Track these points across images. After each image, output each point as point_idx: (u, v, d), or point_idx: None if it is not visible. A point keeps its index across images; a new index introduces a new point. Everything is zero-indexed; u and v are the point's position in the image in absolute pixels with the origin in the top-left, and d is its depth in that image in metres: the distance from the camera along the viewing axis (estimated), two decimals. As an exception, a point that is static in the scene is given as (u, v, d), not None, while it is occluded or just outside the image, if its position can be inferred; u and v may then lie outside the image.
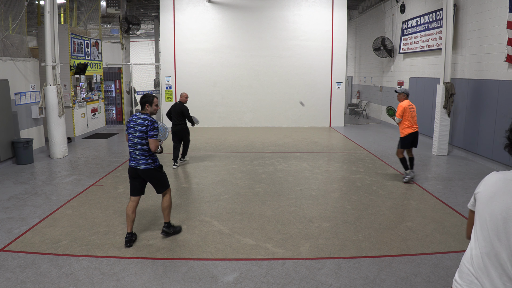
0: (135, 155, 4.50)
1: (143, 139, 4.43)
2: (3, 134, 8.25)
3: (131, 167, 4.55)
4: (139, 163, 4.48)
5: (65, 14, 12.20)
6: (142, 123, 4.43)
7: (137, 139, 4.44)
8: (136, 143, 4.45)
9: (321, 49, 14.45)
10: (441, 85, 9.43)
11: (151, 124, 4.43)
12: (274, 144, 11.04)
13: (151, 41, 23.13)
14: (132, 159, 4.54)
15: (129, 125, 4.51)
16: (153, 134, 4.42)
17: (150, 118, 4.47)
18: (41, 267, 4.02)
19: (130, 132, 4.48)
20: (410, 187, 6.89)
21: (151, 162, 4.52)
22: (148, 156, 4.48)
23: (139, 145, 4.45)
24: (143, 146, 4.44)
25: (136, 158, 4.49)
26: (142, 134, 4.41)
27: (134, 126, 4.45)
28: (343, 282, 3.77)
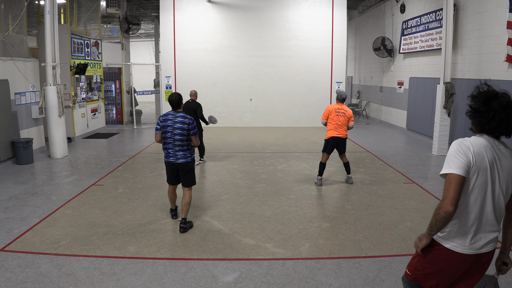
0: (174, 151, 4.85)
1: (183, 136, 4.80)
2: (3, 134, 8.25)
3: (170, 163, 4.92)
4: (179, 158, 4.86)
5: (65, 14, 12.20)
6: (182, 121, 4.78)
7: (177, 136, 4.79)
8: (177, 139, 4.80)
9: (321, 49, 14.45)
10: (441, 85, 9.43)
11: (192, 122, 4.82)
12: (274, 144, 11.04)
13: (151, 41, 23.12)
14: (171, 155, 4.88)
15: (166, 124, 4.79)
16: (196, 132, 4.85)
17: (189, 117, 4.82)
18: (41, 267, 4.02)
19: (169, 131, 4.78)
20: (410, 187, 6.89)
21: (189, 156, 4.93)
22: (187, 151, 4.88)
23: (179, 141, 4.81)
24: (183, 143, 4.83)
25: (175, 154, 4.85)
26: (183, 131, 4.77)
27: (173, 125, 4.77)
28: (343, 282, 3.77)
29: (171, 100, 4.88)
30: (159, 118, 4.89)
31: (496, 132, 2.21)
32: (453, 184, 2.13)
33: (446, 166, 2.19)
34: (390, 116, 14.78)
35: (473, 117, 2.27)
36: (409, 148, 10.53)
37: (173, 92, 4.91)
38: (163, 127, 4.83)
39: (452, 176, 2.15)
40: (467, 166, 2.14)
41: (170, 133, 4.79)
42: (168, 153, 4.90)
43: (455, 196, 2.11)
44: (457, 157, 2.16)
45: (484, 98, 2.19)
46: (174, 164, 4.91)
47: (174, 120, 4.79)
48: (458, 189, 2.12)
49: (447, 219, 2.14)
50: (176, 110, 4.90)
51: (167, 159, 4.93)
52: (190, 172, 4.97)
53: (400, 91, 13.64)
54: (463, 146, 2.19)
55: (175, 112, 4.87)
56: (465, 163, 2.14)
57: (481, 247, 2.25)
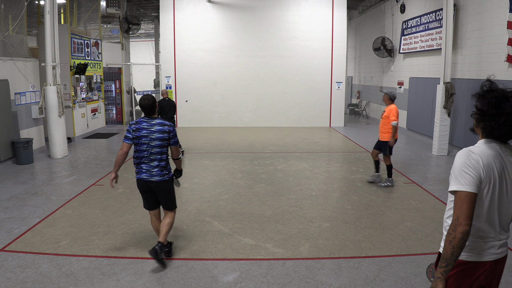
0: (149, 167, 3.96)
1: (163, 148, 3.94)
2: (3, 134, 8.25)
3: (143, 180, 4.00)
4: (153, 175, 3.96)
5: (65, 14, 12.20)
6: (161, 130, 3.91)
7: (156, 149, 3.92)
8: (154, 153, 3.92)
9: (321, 49, 14.45)
10: (441, 85, 9.43)
11: (173, 129, 4.00)
12: (274, 144, 11.04)
13: (151, 41, 23.12)
14: (143, 171, 3.98)
15: (141, 134, 3.90)
16: (177, 140, 4.06)
17: (168, 123, 3.98)
18: (41, 267, 4.02)
19: (144, 142, 3.90)
20: (410, 187, 6.89)
21: (166, 173, 4.03)
22: (164, 166, 4.00)
23: (158, 154, 3.94)
24: (162, 156, 3.96)
25: (149, 171, 3.97)
26: (163, 142, 3.92)
27: (149, 134, 3.90)
28: (343, 282, 3.77)
29: (143, 105, 3.90)
30: (130, 126, 3.94)
31: (506, 137, 2.03)
32: (466, 203, 1.95)
33: (455, 181, 2.00)
34: (390, 116, 14.75)
35: (480, 120, 2.06)
36: (409, 148, 10.53)
37: (145, 95, 3.97)
38: (136, 137, 3.91)
39: (464, 194, 1.96)
40: (478, 181, 1.97)
41: (146, 145, 3.90)
42: (140, 169, 3.99)
43: (469, 214, 1.94)
44: (468, 172, 1.98)
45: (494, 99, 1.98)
46: (146, 182, 3.99)
47: (151, 129, 3.90)
48: (471, 207, 1.95)
49: (464, 240, 1.94)
50: (150, 116, 3.97)
51: (139, 175, 4.01)
52: (167, 192, 4.07)
53: (400, 91, 13.64)
54: (472, 160, 2.00)
55: (150, 118, 3.96)
56: (476, 179, 1.97)
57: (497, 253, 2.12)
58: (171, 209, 4.16)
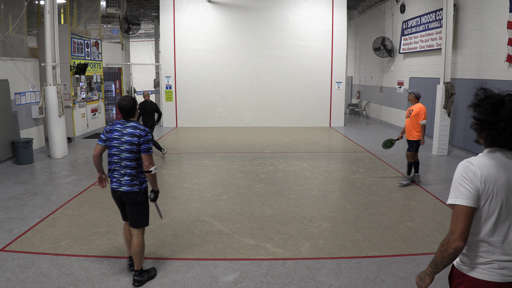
0: (119, 175, 3.60)
1: (132, 154, 3.55)
2: (3, 134, 8.25)
3: (113, 190, 3.69)
4: (122, 184, 3.60)
5: (65, 14, 12.20)
6: (132, 133, 3.54)
7: (124, 154, 3.55)
8: (124, 159, 3.56)
9: (321, 49, 14.45)
10: (441, 85, 9.43)
11: (145, 134, 3.56)
12: (274, 144, 11.04)
13: (151, 41, 23.13)
14: (114, 180, 3.65)
15: (112, 137, 3.59)
16: (149, 147, 3.56)
17: (142, 127, 3.60)
18: (41, 267, 4.02)
19: (114, 145, 3.57)
20: (410, 187, 6.89)
21: (137, 184, 3.62)
22: (135, 175, 3.61)
23: (127, 161, 3.56)
24: (131, 163, 3.57)
25: (120, 179, 3.61)
26: (132, 147, 3.54)
27: (120, 137, 3.56)
28: (343, 282, 3.77)
29: (122, 106, 3.61)
30: (105, 127, 3.70)
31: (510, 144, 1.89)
32: (461, 217, 1.88)
33: (452, 194, 1.94)
34: (390, 116, 14.78)
35: (480, 130, 1.95)
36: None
37: (124, 96, 3.71)
38: (108, 139, 3.61)
39: (459, 208, 1.90)
40: (475, 195, 1.88)
41: (116, 148, 3.57)
42: (112, 177, 3.67)
43: (464, 230, 1.86)
44: (463, 185, 1.90)
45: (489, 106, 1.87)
46: (116, 192, 3.66)
47: (122, 132, 3.56)
48: (467, 222, 1.87)
49: (456, 255, 1.90)
50: (127, 118, 3.65)
51: (111, 184, 3.71)
52: (137, 206, 3.65)
53: (400, 91, 13.64)
54: (469, 172, 1.90)
55: (126, 121, 3.63)
56: (473, 192, 1.88)
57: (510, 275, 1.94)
58: (136, 227, 3.69)
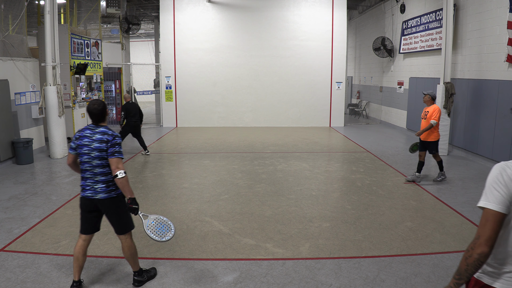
0: (92, 182, 3.47)
1: (103, 160, 3.43)
2: (3, 134, 8.25)
3: (87, 199, 3.50)
4: (98, 192, 3.46)
5: (65, 14, 12.19)
6: (100, 139, 3.42)
7: (95, 161, 3.42)
8: (95, 166, 3.43)
9: (321, 49, 14.45)
10: (441, 85, 9.43)
11: (112, 138, 3.45)
12: (274, 144, 11.04)
13: (151, 41, 23.12)
14: (87, 188, 3.49)
15: (82, 143, 3.44)
16: (115, 151, 3.41)
17: (110, 132, 3.49)
18: (41, 267, 4.02)
19: (85, 153, 3.43)
20: (410, 187, 6.89)
21: (113, 190, 3.51)
22: (111, 181, 3.49)
23: (100, 168, 3.44)
24: (104, 169, 3.45)
25: (93, 186, 3.47)
26: (102, 153, 3.42)
27: (90, 144, 3.42)
28: (343, 282, 3.77)
29: (91, 110, 3.47)
30: (75, 134, 3.55)
31: None
32: (490, 222, 1.80)
33: (483, 197, 1.86)
34: (390, 116, 14.78)
35: None
36: (409, 148, 10.51)
37: (94, 100, 3.58)
38: (78, 147, 3.46)
39: (489, 213, 1.81)
40: (508, 200, 1.80)
41: (87, 156, 3.43)
42: (85, 185, 3.50)
43: (491, 235, 1.79)
44: (497, 188, 1.82)
45: None
46: (91, 200, 3.48)
47: (92, 138, 3.43)
48: (495, 228, 1.80)
49: (481, 262, 1.82)
50: (97, 123, 3.53)
51: (83, 193, 3.52)
52: (117, 212, 3.55)
53: (400, 91, 13.64)
54: (504, 175, 1.82)
55: (96, 126, 3.51)
56: (505, 197, 1.80)
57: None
58: (123, 233, 3.61)
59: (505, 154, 7.75)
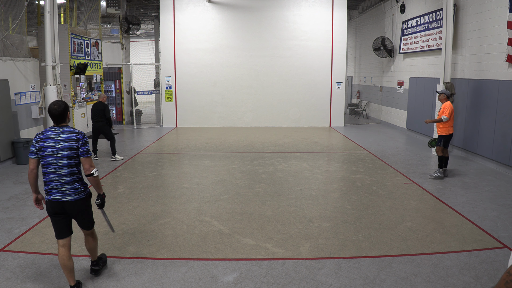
0: (59, 184, 3.41)
1: (72, 159, 3.40)
2: (3, 134, 8.25)
3: (55, 201, 3.44)
4: (67, 194, 3.43)
5: (65, 14, 12.20)
6: (68, 138, 3.39)
7: (62, 161, 3.37)
8: (63, 166, 3.38)
9: (321, 49, 14.45)
10: (441, 85, 9.43)
11: (82, 137, 3.45)
12: (274, 144, 11.04)
13: (151, 41, 23.13)
14: (54, 191, 3.43)
15: (45, 145, 3.37)
16: (86, 150, 3.45)
17: (77, 131, 3.48)
18: (41, 267, 4.02)
19: (49, 154, 3.37)
20: (410, 187, 6.89)
21: (82, 190, 3.52)
22: (78, 181, 3.49)
23: (67, 168, 3.40)
24: (72, 169, 3.42)
25: (61, 189, 3.42)
26: (71, 152, 3.38)
27: (55, 145, 3.37)
28: (343, 282, 3.77)
29: (51, 110, 3.42)
30: (35, 138, 3.45)
31: None
32: None
33: None
34: (390, 116, 14.78)
35: None
36: (409, 148, 10.53)
37: (55, 100, 3.55)
38: (40, 149, 3.38)
39: None
40: None
41: (51, 157, 3.36)
42: (50, 188, 3.43)
43: None
44: None
45: None
46: (60, 203, 3.44)
47: (57, 139, 3.37)
48: None
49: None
50: (59, 124, 3.47)
51: (49, 196, 3.45)
52: (87, 212, 3.60)
53: (400, 91, 13.64)
54: None
55: (58, 127, 3.45)
56: None
57: None
58: (91, 228, 3.74)
59: (505, 154, 7.75)
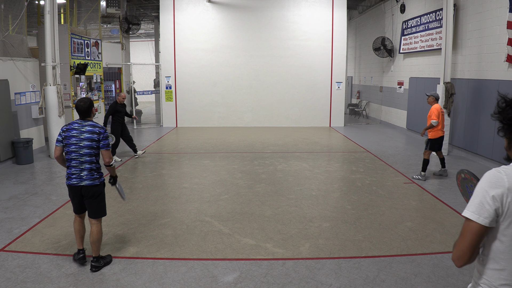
0: (78, 171, 3.88)
1: (92, 149, 3.87)
2: (3, 134, 8.25)
3: (73, 186, 3.92)
4: (83, 179, 3.89)
5: (65, 14, 12.19)
6: (91, 131, 3.87)
7: (84, 150, 3.85)
8: (84, 154, 3.86)
9: (321, 49, 14.45)
10: (441, 85, 9.43)
11: (104, 131, 3.95)
12: (274, 144, 11.04)
13: (151, 41, 23.12)
14: (73, 176, 3.90)
15: (70, 135, 3.86)
16: (108, 143, 3.95)
17: (100, 125, 3.96)
18: (41, 267, 4.02)
19: (73, 143, 3.85)
20: (410, 187, 6.89)
21: (97, 178, 3.96)
22: (95, 170, 3.95)
23: (88, 156, 3.87)
24: (91, 158, 3.90)
25: (80, 174, 3.88)
26: (92, 143, 3.86)
27: (79, 135, 3.85)
28: (343, 282, 3.77)
29: (78, 107, 3.93)
30: (62, 128, 3.96)
31: None
32: (468, 235, 1.63)
33: (468, 205, 1.68)
34: (390, 116, 14.78)
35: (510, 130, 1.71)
36: (409, 148, 10.53)
37: (81, 98, 4.06)
38: (65, 138, 3.87)
39: (470, 225, 1.63)
40: (494, 210, 1.60)
41: (75, 145, 3.84)
42: (70, 174, 3.91)
43: (465, 252, 1.64)
44: (483, 197, 1.62)
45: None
46: (77, 187, 3.91)
47: (81, 130, 3.86)
48: (473, 243, 1.62)
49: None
50: (84, 118, 3.96)
51: (69, 181, 3.92)
52: (98, 198, 4.00)
53: (400, 91, 13.64)
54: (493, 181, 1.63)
55: (83, 120, 3.95)
56: (491, 206, 1.60)
57: None
58: (98, 217, 4.03)
59: (505, 154, 7.74)
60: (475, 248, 1.65)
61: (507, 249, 1.64)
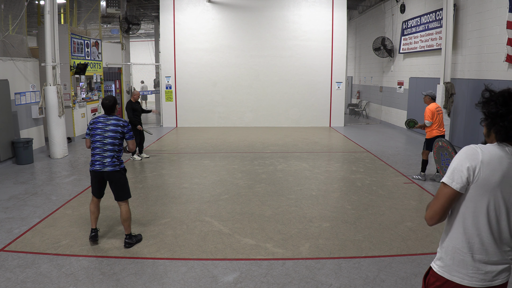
0: (102, 157, 4.39)
1: (115, 139, 4.42)
2: (3, 134, 8.25)
3: (96, 171, 4.44)
4: (106, 165, 4.38)
5: (65, 14, 12.19)
6: (115, 124, 4.43)
7: (108, 139, 4.39)
8: (107, 143, 4.39)
9: (321, 49, 14.45)
10: (441, 85, 9.43)
11: (127, 124, 4.50)
12: (274, 144, 11.04)
13: (151, 41, 23.14)
14: (97, 163, 4.41)
15: (96, 127, 4.44)
16: (132, 135, 4.54)
17: (123, 119, 4.49)
18: (41, 267, 4.02)
19: (98, 133, 4.40)
20: (410, 187, 6.89)
21: (117, 164, 4.45)
22: (116, 157, 4.44)
23: (110, 145, 4.40)
24: (114, 147, 4.41)
25: (103, 161, 4.38)
26: (116, 134, 4.41)
27: (104, 127, 4.41)
28: (343, 282, 3.77)
29: (104, 104, 4.52)
30: (89, 121, 4.56)
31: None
32: (441, 198, 1.86)
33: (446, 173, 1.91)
34: (390, 116, 14.78)
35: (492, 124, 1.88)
36: (409, 148, 10.53)
37: (107, 96, 4.58)
38: (92, 130, 4.46)
39: (444, 189, 1.86)
40: (466, 178, 1.82)
41: (100, 136, 4.40)
42: (94, 160, 4.43)
43: (438, 212, 1.87)
44: (458, 166, 1.84)
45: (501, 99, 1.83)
46: (100, 172, 4.41)
47: (106, 123, 4.43)
48: (445, 205, 1.86)
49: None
50: (109, 114, 4.54)
51: (93, 167, 4.45)
52: (120, 183, 4.49)
53: (400, 91, 13.64)
54: (469, 153, 1.85)
55: (108, 116, 4.52)
56: (464, 175, 1.82)
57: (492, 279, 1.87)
58: (123, 199, 4.51)
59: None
60: (446, 210, 1.88)
61: (471, 214, 1.86)
